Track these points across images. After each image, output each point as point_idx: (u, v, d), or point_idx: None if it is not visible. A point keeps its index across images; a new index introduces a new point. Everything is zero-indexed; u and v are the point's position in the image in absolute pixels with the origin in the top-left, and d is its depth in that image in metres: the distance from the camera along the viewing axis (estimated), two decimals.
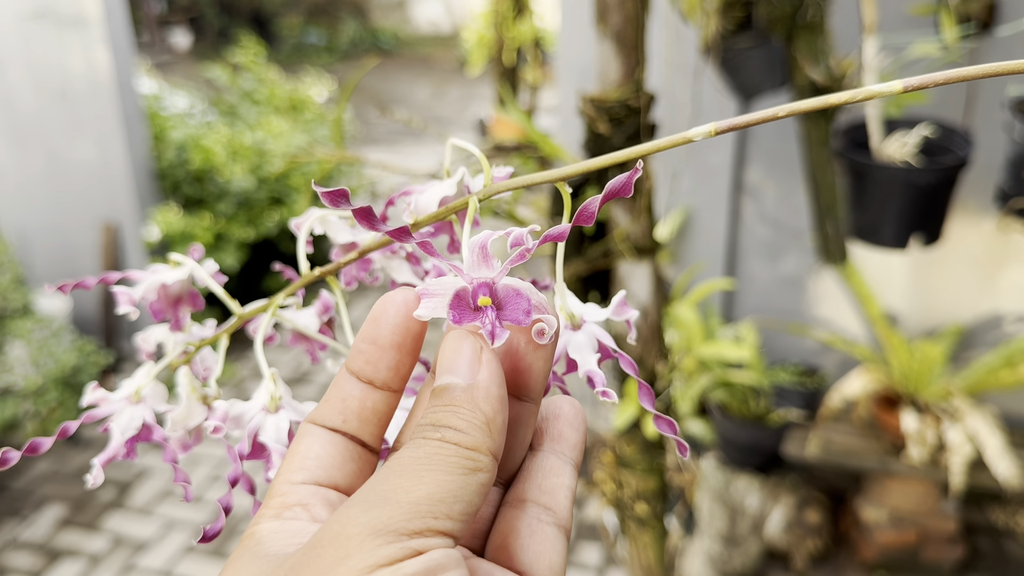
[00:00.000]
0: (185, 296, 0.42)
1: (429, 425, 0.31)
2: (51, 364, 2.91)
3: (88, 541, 2.74)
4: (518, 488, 0.35)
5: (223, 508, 0.35)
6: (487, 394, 0.31)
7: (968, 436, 2.24)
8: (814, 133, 1.64)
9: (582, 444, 0.37)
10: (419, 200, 0.37)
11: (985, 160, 2.00)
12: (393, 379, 0.34)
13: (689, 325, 2.34)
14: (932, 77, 0.30)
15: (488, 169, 0.35)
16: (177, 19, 10.20)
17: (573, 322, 0.36)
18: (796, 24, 1.61)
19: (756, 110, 0.88)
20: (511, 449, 0.35)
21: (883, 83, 0.30)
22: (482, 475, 0.30)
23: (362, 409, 0.34)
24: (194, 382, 0.40)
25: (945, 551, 2.43)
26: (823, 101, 0.29)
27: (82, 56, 3.30)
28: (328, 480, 0.33)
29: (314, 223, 0.40)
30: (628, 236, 1.24)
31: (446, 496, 0.28)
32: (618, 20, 1.14)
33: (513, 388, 0.35)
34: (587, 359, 0.35)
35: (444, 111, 7.81)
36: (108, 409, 0.39)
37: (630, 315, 0.36)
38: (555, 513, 0.34)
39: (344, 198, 0.30)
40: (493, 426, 0.31)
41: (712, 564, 2.44)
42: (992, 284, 2.44)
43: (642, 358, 1.32)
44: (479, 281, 0.31)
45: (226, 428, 0.37)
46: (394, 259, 0.40)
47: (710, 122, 0.31)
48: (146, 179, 3.57)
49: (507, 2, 4.24)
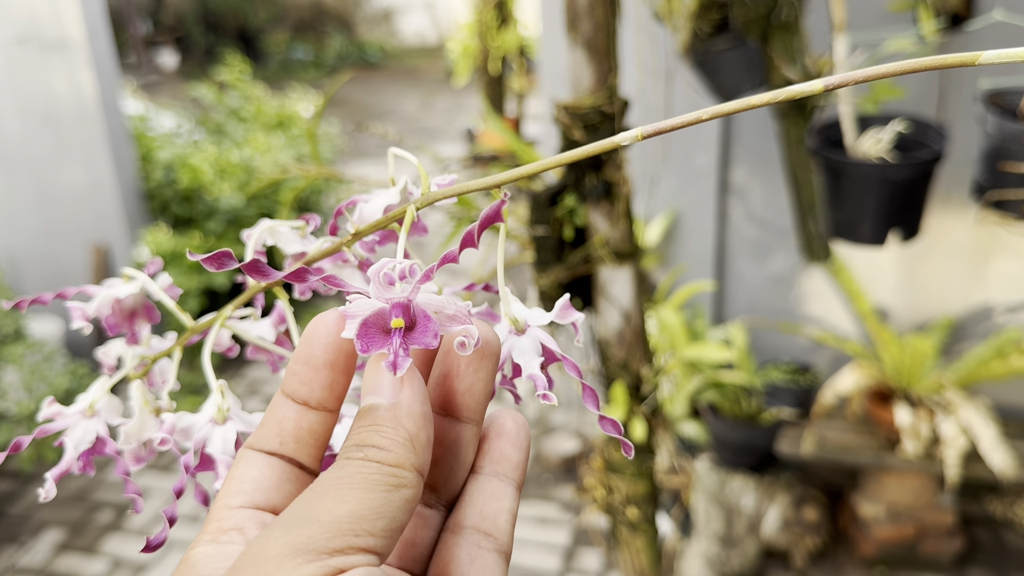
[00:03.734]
0: (140, 310, 0.43)
1: (353, 445, 0.31)
2: (44, 388, 2.90)
3: (87, 565, 2.73)
4: (458, 513, 0.35)
5: (167, 519, 0.36)
6: (409, 411, 0.31)
7: (962, 428, 2.24)
8: (792, 132, 1.65)
9: (525, 463, 0.36)
10: (364, 209, 0.38)
11: (967, 153, 2.01)
12: (328, 399, 0.34)
13: (672, 328, 2.35)
14: (852, 75, 0.30)
15: (426, 177, 0.35)
16: (163, 39, 10.21)
17: (517, 327, 0.36)
18: (771, 24, 1.62)
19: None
20: (451, 471, 0.35)
21: (804, 83, 0.30)
22: (406, 491, 0.30)
23: (298, 431, 0.34)
24: (147, 395, 0.40)
25: (944, 544, 2.44)
26: (746, 103, 0.30)
27: (67, 79, 3.30)
28: (266, 503, 0.33)
29: (264, 234, 0.41)
30: (607, 241, 1.24)
31: (368, 513, 0.28)
32: (589, 27, 1.15)
33: (452, 409, 0.35)
34: (530, 363, 0.36)
35: (432, 122, 7.82)
36: (62, 423, 0.39)
37: (574, 318, 0.36)
38: (495, 539, 0.34)
39: (228, 258, 0.31)
40: (417, 442, 0.31)
41: (710, 565, 2.44)
42: (981, 276, 2.45)
43: (627, 362, 1.32)
44: (394, 301, 0.31)
45: (173, 441, 0.38)
46: (345, 268, 0.41)
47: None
48: (135, 200, 3.57)
49: (491, 12, 4.26)
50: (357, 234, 0.36)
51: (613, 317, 1.31)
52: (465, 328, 0.32)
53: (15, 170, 3.50)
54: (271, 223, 0.41)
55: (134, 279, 0.42)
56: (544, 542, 2.71)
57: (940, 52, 1.88)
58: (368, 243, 0.39)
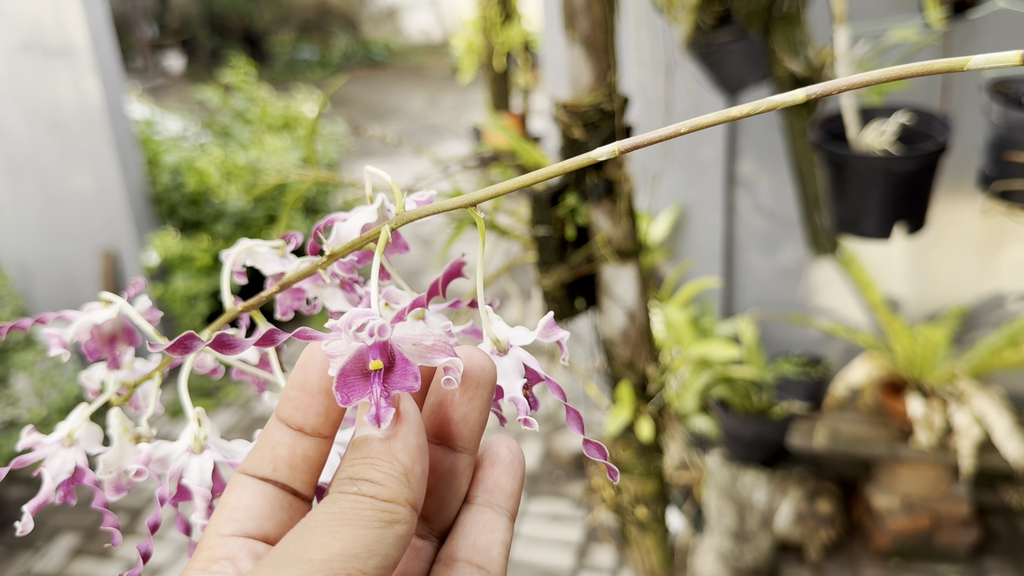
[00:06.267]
0: (120, 334, 0.42)
1: (346, 479, 0.30)
2: (55, 395, 2.92)
3: (102, 569, 2.74)
4: (451, 545, 0.34)
5: (141, 554, 0.35)
6: (404, 444, 0.30)
7: (975, 418, 2.22)
8: (795, 125, 1.63)
9: (519, 492, 0.36)
10: (341, 229, 0.37)
11: (973, 142, 1.99)
12: (323, 425, 0.33)
13: (678, 326, 2.33)
14: (836, 84, 0.29)
15: (400, 197, 0.34)
16: (169, 42, 10.23)
17: (499, 347, 0.35)
18: (773, 16, 1.60)
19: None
20: (444, 502, 0.35)
21: (786, 93, 0.29)
22: (400, 527, 0.29)
23: (292, 457, 0.33)
24: (126, 423, 0.39)
25: (959, 534, 2.42)
26: (724, 115, 0.29)
27: (72, 86, 3.31)
28: (258, 531, 0.32)
29: (242, 255, 0.40)
30: (610, 240, 1.23)
31: (361, 551, 0.28)
32: (586, 25, 1.13)
33: (446, 439, 0.34)
34: (512, 385, 0.35)
35: (439, 119, 7.81)
36: (41, 453, 0.38)
37: (559, 336, 0.35)
38: (488, 572, 0.34)
39: (193, 340, 0.30)
40: (411, 476, 0.30)
41: (724, 561, 2.43)
42: (992, 264, 2.42)
43: (632, 361, 1.31)
44: (372, 343, 0.30)
45: (150, 471, 0.37)
46: (326, 288, 0.40)
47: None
48: (142, 204, 3.58)
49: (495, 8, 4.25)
50: (333, 255, 0.35)
51: (617, 316, 1.30)
52: (451, 360, 0.31)
53: (23, 177, 3.51)
54: (249, 243, 0.40)
55: (112, 303, 0.41)
56: (557, 539, 2.70)
57: (944, 41, 1.85)
58: (347, 263, 0.38)
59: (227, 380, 3.68)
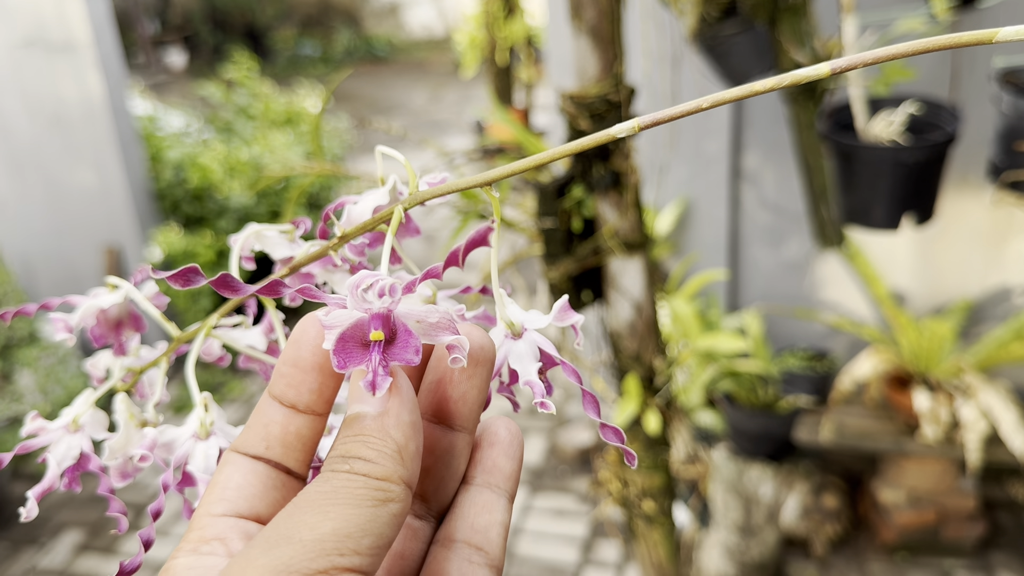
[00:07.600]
0: (126, 319, 0.41)
1: (338, 457, 0.29)
2: (59, 391, 2.91)
3: (107, 566, 2.74)
4: (449, 526, 0.34)
5: (143, 542, 0.34)
6: (398, 421, 0.30)
7: (982, 412, 2.21)
8: (802, 116, 1.62)
9: (518, 473, 0.35)
10: (352, 211, 0.36)
11: (982, 133, 1.98)
12: (317, 402, 0.32)
13: (685, 318, 2.33)
14: (860, 57, 0.28)
15: (413, 176, 0.34)
16: (171, 38, 10.23)
17: (514, 331, 0.35)
18: (779, 7, 1.59)
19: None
20: (442, 481, 0.34)
21: (810, 67, 0.28)
22: (394, 506, 0.28)
23: (285, 435, 0.33)
24: (132, 408, 0.39)
25: (966, 529, 2.41)
26: (749, 89, 0.28)
27: (74, 82, 3.30)
28: (250, 511, 0.32)
29: (250, 239, 0.39)
30: (617, 232, 1.22)
31: (354, 531, 0.27)
32: (593, 15, 1.12)
33: (444, 418, 0.34)
34: (527, 368, 0.34)
35: (442, 114, 7.80)
36: (46, 439, 0.38)
37: (574, 320, 0.35)
38: (487, 553, 0.33)
39: (195, 274, 0.29)
40: (405, 454, 0.30)
41: (730, 555, 2.42)
42: (999, 257, 2.41)
43: (639, 354, 1.31)
44: (373, 312, 0.29)
45: (155, 456, 0.36)
46: (336, 272, 0.39)
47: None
48: (145, 200, 3.57)
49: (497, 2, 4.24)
50: (344, 237, 0.35)
51: (624, 309, 1.29)
52: (457, 339, 0.30)
53: (26, 173, 3.51)
54: (258, 227, 0.39)
55: (118, 288, 0.40)
56: (562, 534, 2.70)
57: (952, 31, 1.84)
58: (357, 246, 0.37)
59: (231, 376, 3.67)
